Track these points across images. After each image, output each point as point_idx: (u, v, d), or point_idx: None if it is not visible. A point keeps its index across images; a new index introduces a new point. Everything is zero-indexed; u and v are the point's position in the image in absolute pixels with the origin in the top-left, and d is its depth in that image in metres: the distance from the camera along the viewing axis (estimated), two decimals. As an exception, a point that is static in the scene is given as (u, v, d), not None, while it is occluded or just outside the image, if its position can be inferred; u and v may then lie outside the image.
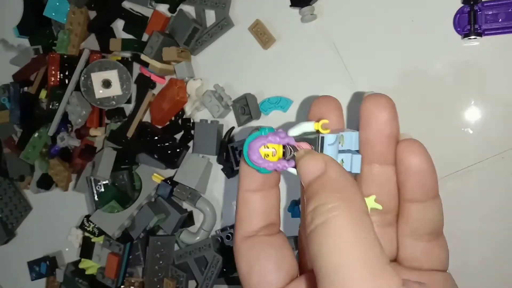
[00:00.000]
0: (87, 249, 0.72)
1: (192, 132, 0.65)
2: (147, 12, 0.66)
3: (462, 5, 0.50)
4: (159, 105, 0.65)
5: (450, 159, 0.52)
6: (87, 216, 0.70)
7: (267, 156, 0.21)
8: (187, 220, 0.66)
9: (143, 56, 0.64)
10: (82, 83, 0.67)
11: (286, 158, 0.21)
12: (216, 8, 0.61)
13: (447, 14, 0.50)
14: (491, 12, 0.49)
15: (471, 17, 0.49)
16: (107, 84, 0.67)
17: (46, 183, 0.75)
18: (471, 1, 0.49)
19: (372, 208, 0.22)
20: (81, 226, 0.71)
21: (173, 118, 0.66)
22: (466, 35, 0.49)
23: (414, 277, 0.21)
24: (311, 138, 0.22)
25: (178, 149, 0.65)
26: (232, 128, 0.63)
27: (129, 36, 0.68)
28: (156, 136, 0.65)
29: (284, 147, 0.22)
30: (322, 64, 0.57)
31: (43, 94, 0.73)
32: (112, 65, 0.67)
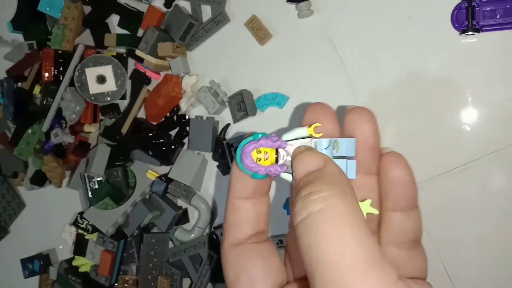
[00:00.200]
0: (80, 246, 0.71)
1: (187, 128, 0.64)
2: (143, 7, 0.65)
3: (460, 1, 0.49)
4: (154, 101, 0.64)
5: (447, 156, 0.51)
6: (81, 213, 0.70)
7: (259, 160, 0.21)
8: (182, 217, 0.66)
9: (138, 52, 0.63)
10: (76, 78, 0.66)
11: (279, 163, 0.21)
12: (212, 3, 0.60)
13: (445, 10, 0.50)
14: (489, 8, 0.49)
15: (469, 13, 0.49)
16: (101, 80, 0.66)
17: (39, 180, 0.74)
18: (469, -3, 0.48)
19: (368, 214, 0.22)
20: (74, 223, 0.70)
21: (168, 114, 0.65)
22: (464, 31, 0.49)
23: None
24: (297, 148, 0.22)
25: (173, 145, 0.64)
26: (228, 124, 0.62)
27: (124, 32, 0.68)
28: (151, 133, 0.64)
29: (277, 152, 0.21)
30: (319, 60, 0.56)
31: (37, 89, 0.72)
32: (106, 60, 0.66)
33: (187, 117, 0.64)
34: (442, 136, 0.52)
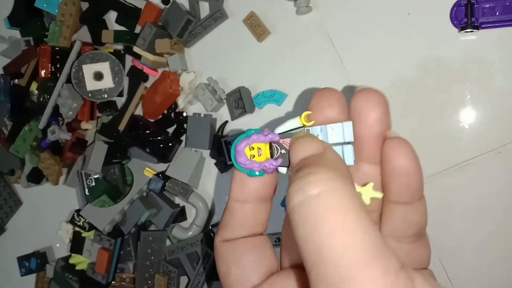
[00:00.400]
0: (77, 244, 0.70)
1: (185, 125, 0.64)
2: (140, 3, 0.65)
3: (459, -2, 0.49)
4: (152, 98, 0.64)
5: (447, 154, 0.51)
6: (78, 211, 0.69)
7: (253, 156, 0.21)
8: (179, 215, 0.65)
9: (136, 48, 0.63)
10: (73, 75, 0.66)
11: (274, 157, 0.21)
12: (210, 0, 0.60)
13: (444, 7, 0.50)
14: (488, 5, 0.48)
15: (468, 10, 0.48)
16: (98, 77, 0.66)
17: (36, 177, 0.74)
18: (468, -6, 0.48)
19: (372, 198, 0.20)
20: (71, 221, 0.70)
21: (165, 112, 0.65)
22: (463, 28, 0.49)
23: None
24: (296, 133, 0.21)
25: (171, 143, 0.64)
26: (226, 122, 0.62)
27: (121, 28, 0.67)
28: (148, 130, 0.64)
29: (271, 147, 0.21)
30: (317, 57, 0.56)
31: (34, 86, 0.72)
32: (104, 57, 0.66)
33: (184, 114, 0.64)
34: (441, 134, 0.51)
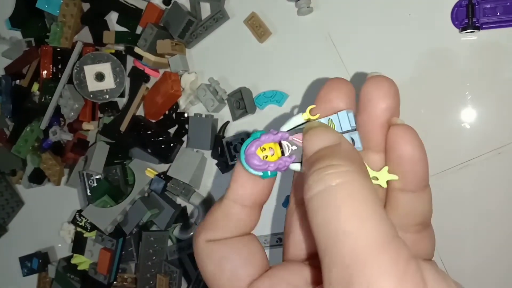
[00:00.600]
0: (79, 244, 0.71)
1: (186, 126, 0.64)
2: (141, 4, 0.65)
3: (460, -2, 0.49)
4: (153, 98, 0.64)
5: (447, 154, 0.51)
6: (80, 211, 0.69)
7: (266, 157, 0.21)
8: (181, 215, 0.65)
9: (137, 49, 0.63)
10: (75, 76, 0.66)
11: (286, 155, 0.21)
12: (211, 1, 0.60)
13: (445, 7, 0.50)
14: (489, 5, 0.48)
15: (469, 10, 0.48)
16: (100, 77, 0.66)
17: (38, 178, 0.74)
18: (469, -6, 0.48)
19: (389, 180, 0.21)
20: (73, 221, 0.70)
21: (167, 112, 0.65)
22: (464, 29, 0.49)
23: None
24: (303, 128, 0.21)
25: (172, 143, 0.64)
26: (227, 122, 0.62)
27: (123, 29, 0.67)
28: (150, 130, 0.64)
29: (281, 146, 0.21)
30: (318, 58, 0.56)
31: (36, 87, 0.72)
32: (105, 58, 0.66)
33: (186, 115, 0.64)
34: (442, 134, 0.51)
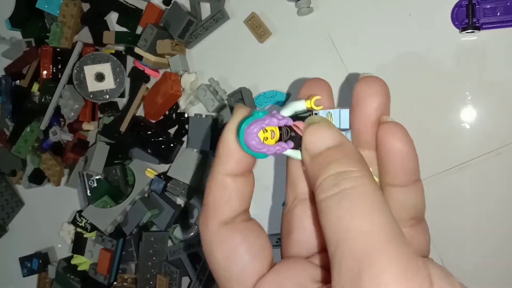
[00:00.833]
0: (79, 245, 0.71)
1: (186, 126, 0.64)
2: (141, 4, 0.65)
3: (460, -2, 0.49)
4: (153, 99, 0.64)
5: (447, 154, 0.51)
6: (80, 212, 0.69)
7: (266, 139, 0.20)
8: (181, 215, 0.65)
9: (137, 49, 0.63)
10: (75, 76, 0.66)
11: (284, 140, 0.21)
12: (211, 1, 0.60)
13: (445, 7, 0.50)
14: (489, 5, 0.48)
15: (469, 10, 0.48)
16: (100, 78, 0.66)
17: (38, 178, 0.74)
18: (469, -6, 0.48)
19: (380, 176, 0.22)
20: (73, 222, 0.70)
21: (167, 112, 0.65)
22: (464, 29, 0.49)
23: None
24: (305, 116, 0.21)
25: (172, 143, 0.64)
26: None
27: (123, 29, 0.67)
28: (150, 131, 0.64)
29: (280, 129, 0.21)
30: (318, 58, 0.56)
31: (36, 87, 0.72)
32: (105, 58, 0.66)
33: (186, 115, 0.64)
34: (442, 134, 0.51)
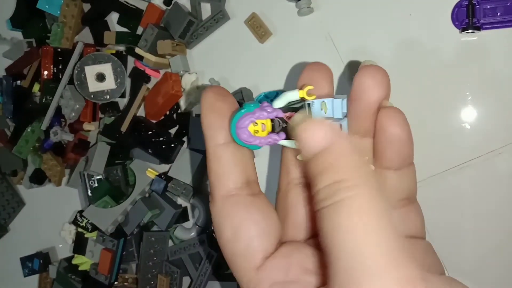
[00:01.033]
0: (80, 245, 0.71)
1: (187, 126, 0.64)
2: (142, 5, 0.65)
3: (461, -2, 0.49)
4: (154, 99, 0.64)
5: (447, 154, 0.51)
6: (80, 212, 0.70)
7: (256, 132, 0.21)
8: (182, 215, 0.65)
9: (138, 49, 0.63)
10: (75, 76, 0.66)
11: (276, 131, 0.21)
12: (212, 1, 0.60)
13: (445, 7, 0.50)
14: (489, 6, 0.48)
15: (469, 10, 0.48)
16: (101, 78, 0.66)
17: (39, 178, 0.74)
18: (470, -6, 0.48)
19: (376, 159, 0.23)
20: (74, 222, 0.70)
21: (167, 113, 0.65)
22: (464, 29, 0.49)
23: None
24: (297, 107, 0.21)
25: (173, 144, 0.64)
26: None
27: (123, 29, 0.67)
28: (151, 131, 0.64)
29: (272, 120, 0.21)
30: (319, 58, 0.55)
31: (36, 87, 0.72)
32: (106, 58, 0.66)
33: (187, 115, 0.64)
34: (442, 134, 0.51)
